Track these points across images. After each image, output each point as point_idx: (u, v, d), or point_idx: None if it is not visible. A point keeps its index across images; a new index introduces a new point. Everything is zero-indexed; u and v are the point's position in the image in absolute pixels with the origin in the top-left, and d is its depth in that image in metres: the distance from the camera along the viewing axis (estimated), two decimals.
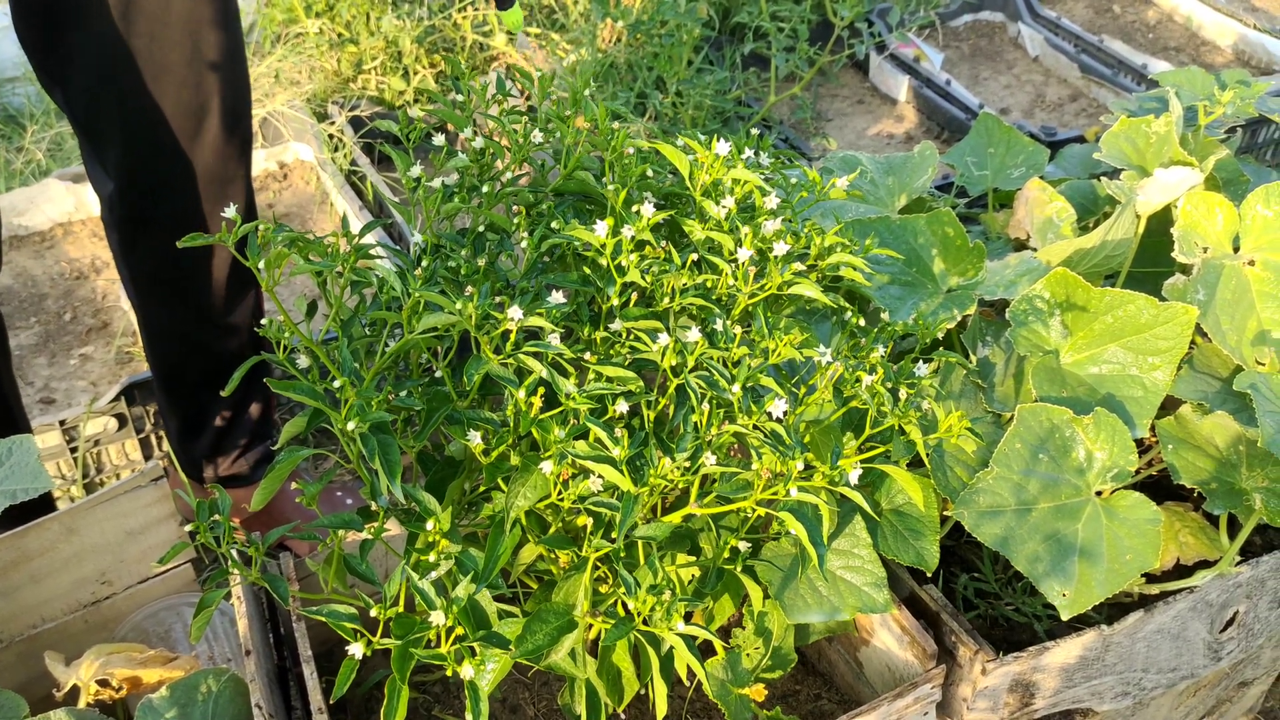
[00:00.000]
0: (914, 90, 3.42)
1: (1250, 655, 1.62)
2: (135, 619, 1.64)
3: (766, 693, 1.36)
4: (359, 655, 1.05)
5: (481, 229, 1.29)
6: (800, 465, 1.11)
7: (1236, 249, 1.50)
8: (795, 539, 1.33)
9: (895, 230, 1.58)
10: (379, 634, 1.06)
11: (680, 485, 1.14)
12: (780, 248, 1.22)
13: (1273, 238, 1.48)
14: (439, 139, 1.29)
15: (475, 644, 1.07)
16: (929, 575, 1.42)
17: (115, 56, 1.50)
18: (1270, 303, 1.46)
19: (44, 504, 1.83)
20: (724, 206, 1.26)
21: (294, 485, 1.20)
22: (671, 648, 1.17)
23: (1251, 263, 1.48)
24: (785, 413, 1.13)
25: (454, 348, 1.20)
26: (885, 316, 1.47)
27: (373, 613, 1.06)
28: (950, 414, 1.20)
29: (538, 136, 1.32)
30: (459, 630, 1.06)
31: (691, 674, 1.18)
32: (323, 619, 1.06)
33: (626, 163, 1.30)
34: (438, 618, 1.04)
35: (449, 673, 1.06)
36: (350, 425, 1.08)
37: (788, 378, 1.26)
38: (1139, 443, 1.41)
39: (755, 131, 1.43)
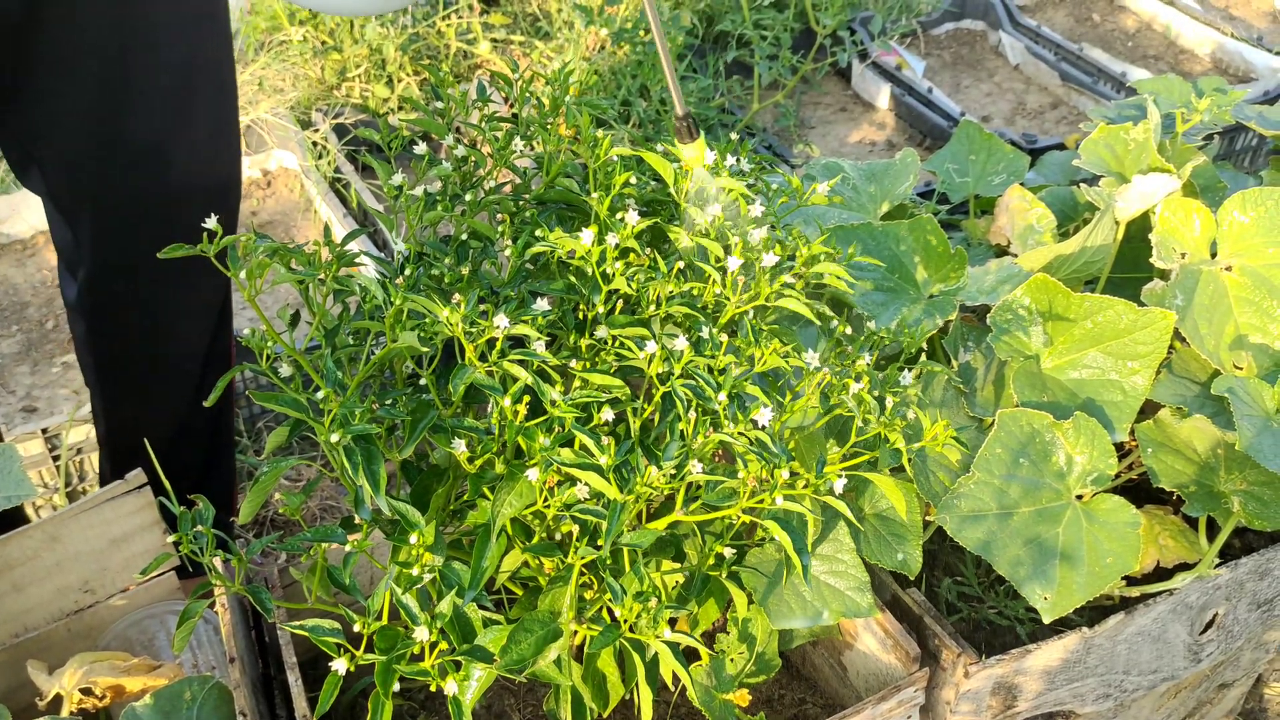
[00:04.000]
0: (896, 98, 3.43)
1: (1230, 657, 1.63)
2: (118, 627, 1.63)
3: (751, 698, 1.37)
4: (342, 672, 1.04)
5: (465, 237, 1.30)
6: (786, 474, 1.11)
7: (1214, 254, 1.51)
8: (779, 544, 1.34)
9: (878, 237, 1.59)
10: (363, 647, 1.06)
11: (665, 492, 1.14)
12: (769, 259, 1.22)
13: (1249, 243, 1.50)
14: (421, 147, 1.29)
15: (460, 657, 1.06)
16: (912, 579, 1.43)
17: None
18: (1247, 307, 1.47)
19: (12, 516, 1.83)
20: (710, 214, 1.26)
21: (278, 496, 1.19)
22: (656, 653, 1.17)
23: (1229, 268, 1.50)
24: (770, 420, 1.13)
25: (438, 355, 1.20)
26: (871, 325, 1.48)
27: (356, 627, 1.06)
28: (935, 423, 1.21)
29: (519, 144, 1.32)
30: (443, 645, 1.05)
31: (676, 679, 1.18)
32: (306, 634, 1.06)
33: (610, 169, 1.30)
34: (421, 634, 1.04)
35: (433, 688, 1.06)
36: (334, 437, 1.08)
37: (773, 384, 1.26)
38: (1119, 446, 1.42)
39: (735, 136, 1.43)
